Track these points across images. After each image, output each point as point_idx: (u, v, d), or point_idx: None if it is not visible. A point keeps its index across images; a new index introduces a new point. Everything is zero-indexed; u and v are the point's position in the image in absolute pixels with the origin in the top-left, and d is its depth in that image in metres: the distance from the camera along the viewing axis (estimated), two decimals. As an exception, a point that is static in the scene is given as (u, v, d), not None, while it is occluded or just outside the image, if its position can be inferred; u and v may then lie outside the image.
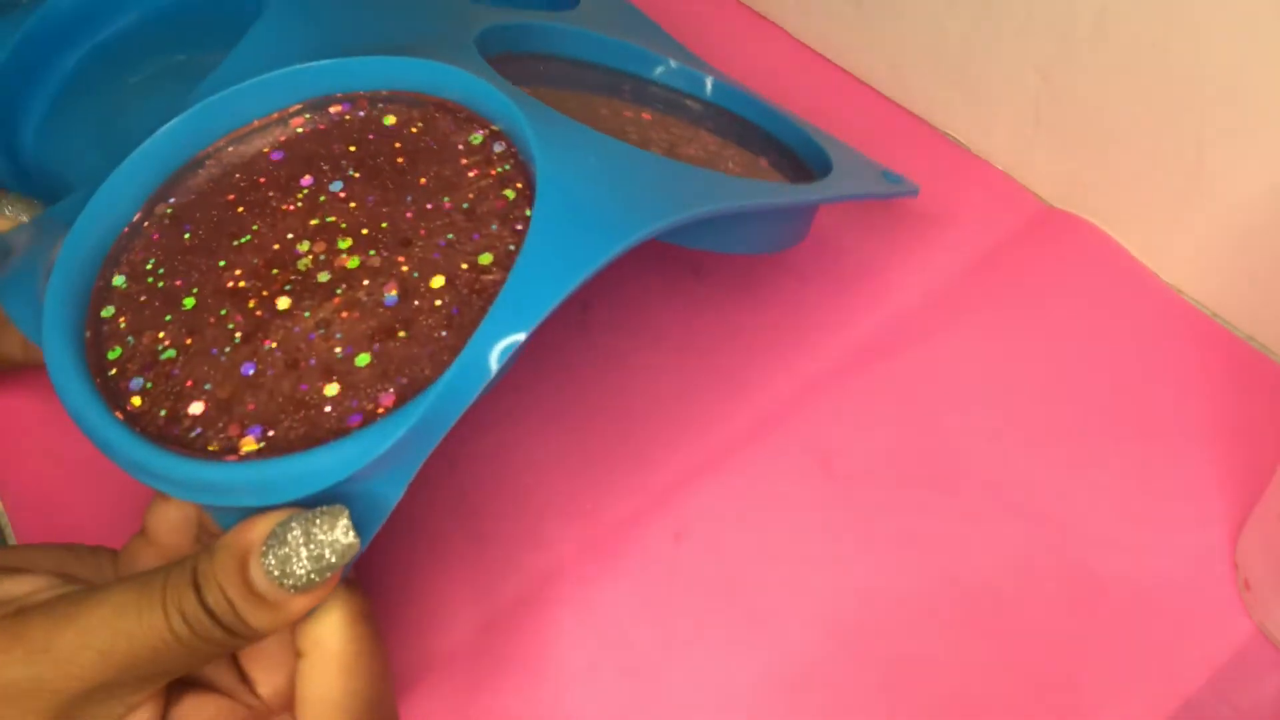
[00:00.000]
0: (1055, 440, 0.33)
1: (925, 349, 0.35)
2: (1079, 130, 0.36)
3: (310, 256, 0.26)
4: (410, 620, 0.30)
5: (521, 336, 0.23)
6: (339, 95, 0.29)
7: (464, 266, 0.25)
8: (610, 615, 0.30)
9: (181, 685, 0.23)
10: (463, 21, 0.33)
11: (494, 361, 0.23)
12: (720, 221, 0.30)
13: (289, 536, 0.21)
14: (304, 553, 0.21)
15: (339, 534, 0.21)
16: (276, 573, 0.21)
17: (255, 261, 0.26)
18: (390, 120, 0.29)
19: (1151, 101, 0.33)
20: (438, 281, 0.25)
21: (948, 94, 0.41)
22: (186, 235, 0.27)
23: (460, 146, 0.28)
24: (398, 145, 0.28)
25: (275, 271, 0.26)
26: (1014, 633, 0.29)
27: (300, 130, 0.29)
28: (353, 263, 0.26)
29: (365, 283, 0.25)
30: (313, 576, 0.21)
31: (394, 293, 0.25)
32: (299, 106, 0.29)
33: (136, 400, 0.24)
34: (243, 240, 0.27)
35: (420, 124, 0.29)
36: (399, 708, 0.28)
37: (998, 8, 0.36)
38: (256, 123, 0.29)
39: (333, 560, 0.21)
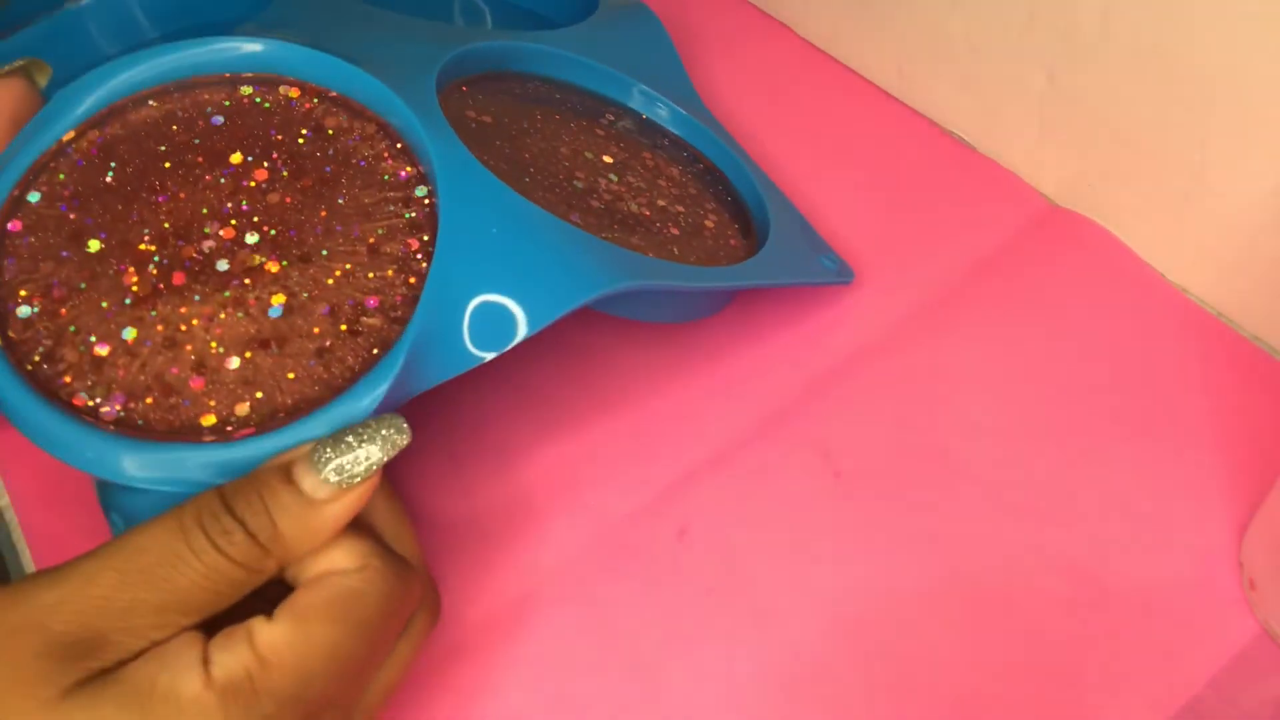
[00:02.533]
0: (1060, 439, 0.32)
1: (930, 347, 0.35)
2: (1084, 130, 0.36)
3: (216, 240, 0.26)
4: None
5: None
6: (293, 79, 0.29)
7: (349, 303, 0.26)
8: (614, 611, 0.30)
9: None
10: (439, 46, 0.34)
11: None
12: (645, 299, 0.32)
13: (345, 436, 0.23)
14: (356, 442, 0.22)
15: (393, 430, 0.23)
16: (331, 464, 0.22)
17: (166, 225, 0.26)
18: (332, 125, 0.29)
19: (1156, 101, 0.33)
20: (320, 307, 0.26)
21: (953, 93, 0.41)
22: (109, 175, 0.27)
23: (387, 177, 0.28)
24: (331, 153, 0.28)
25: (180, 243, 0.26)
26: (1017, 631, 0.29)
27: (245, 100, 0.29)
28: (253, 260, 0.26)
29: (258, 285, 0.26)
30: (368, 465, 0.22)
31: (279, 305, 0.25)
32: (250, 76, 0.29)
33: (17, 328, 0.24)
34: (159, 199, 0.27)
35: (358, 136, 0.29)
36: (404, 704, 0.28)
37: (1002, 8, 0.36)
38: (204, 77, 0.29)
39: (387, 450, 0.23)
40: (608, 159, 0.35)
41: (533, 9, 0.45)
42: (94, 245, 0.26)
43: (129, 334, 0.25)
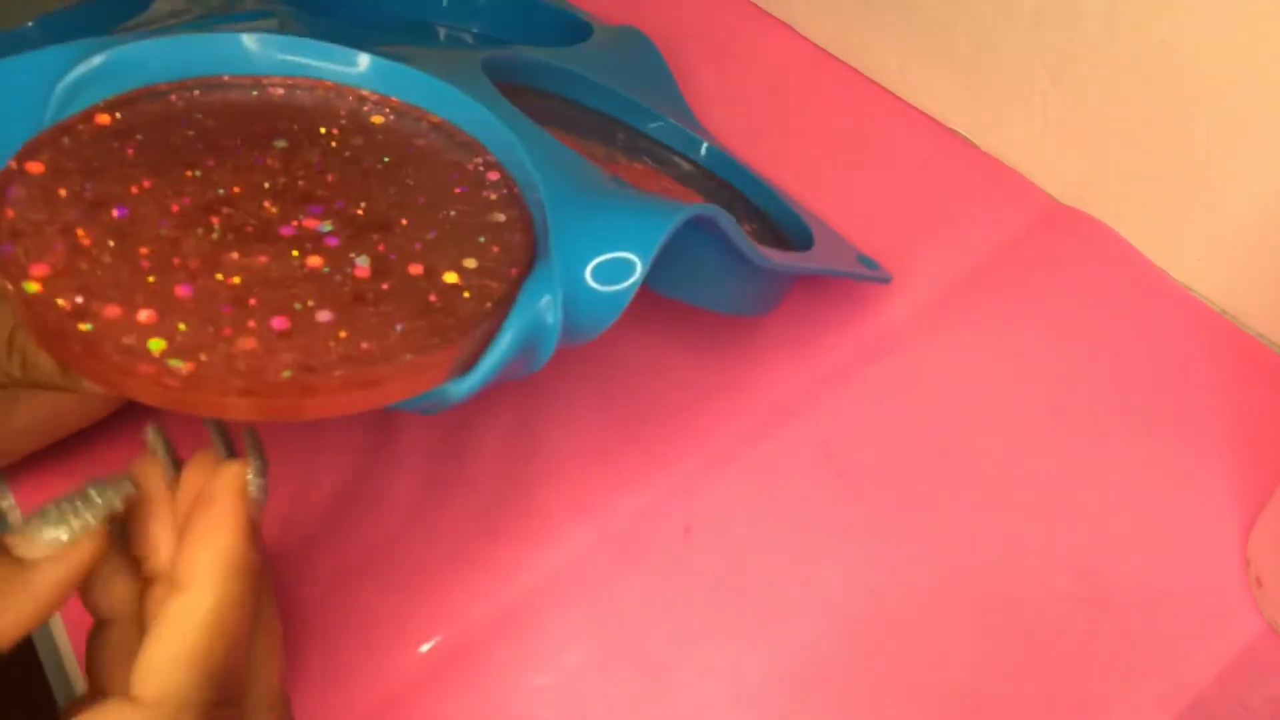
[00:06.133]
0: (1065, 437, 0.32)
1: (934, 346, 0.35)
2: (1088, 128, 0.36)
3: (274, 209, 0.24)
4: (422, 615, 0.30)
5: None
6: (327, 84, 0.28)
7: (445, 263, 0.24)
8: (620, 609, 0.30)
9: None
10: (472, 53, 0.33)
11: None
12: (707, 272, 0.30)
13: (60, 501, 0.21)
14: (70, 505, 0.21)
15: (114, 492, 0.21)
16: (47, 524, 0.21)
17: (209, 195, 0.24)
18: (378, 120, 0.27)
19: (1161, 99, 0.33)
20: (412, 268, 0.23)
21: (956, 91, 0.41)
22: (131, 151, 0.24)
23: (451, 163, 0.26)
24: (380, 139, 0.26)
25: (228, 211, 0.24)
26: (1023, 629, 0.29)
27: (278, 96, 0.27)
28: (323, 227, 0.24)
29: (333, 248, 0.23)
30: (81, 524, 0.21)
31: (365, 262, 0.23)
32: (280, 79, 0.27)
33: (32, 286, 0.21)
34: (196, 174, 0.24)
35: (410, 130, 0.27)
36: (411, 704, 0.28)
37: (1007, 6, 0.36)
38: (229, 78, 0.27)
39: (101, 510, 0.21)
40: (638, 166, 0.34)
41: (521, 42, 0.44)
42: (117, 211, 0.23)
43: (186, 292, 0.22)
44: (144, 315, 0.21)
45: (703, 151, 0.38)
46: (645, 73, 0.40)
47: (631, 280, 0.24)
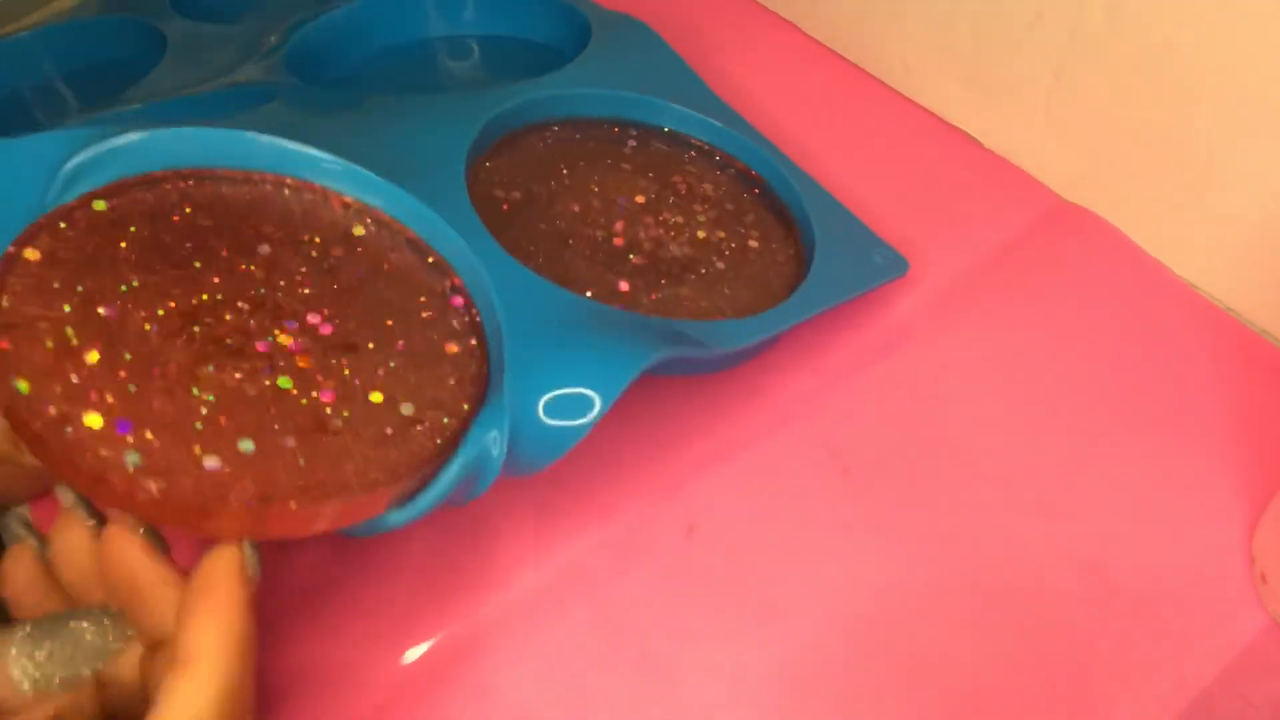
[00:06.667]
0: (1069, 435, 0.32)
1: (938, 344, 0.35)
2: (1091, 125, 0.36)
3: (251, 322, 0.25)
4: (425, 614, 0.30)
5: None
6: (316, 185, 0.29)
7: (403, 393, 0.25)
8: (623, 608, 0.30)
9: None
10: (463, 131, 0.34)
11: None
12: (683, 365, 0.32)
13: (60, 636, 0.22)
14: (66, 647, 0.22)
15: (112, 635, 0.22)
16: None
17: (193, 301, 0.25)
18: (359, 231, 0.28)
19: (1163, 97, 0.33)
20: (376, 397, 0.25)
21: (960, 89, 0.41)
22: (123, 243, 0.25)
23: (421, 284, 0.28)
24: (359, 251, 0.28)
25: (209, 320, 0.25)
26: (1026, 626, 0.29)
27: (266, 192, 0.28)
28: (298, 345, 0.25)
29: (303, 370, 0.24)
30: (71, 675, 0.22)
31: (331, 386, 0.24)
32: (271, 176, 0.29)
33: (24, 385, 0.21)
34: (183, 274, 0.25)
35: (388, 246, 0.28)
36: (414, 703, 0.28)
37: (1009, 5, 0.36)
38: (224, 171, 0.28)
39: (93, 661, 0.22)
40: (640, 199, 0.35)
41: (521, 36, 0.45)
42: (103, 310, 0.24)
43: (161, 405, 0.22)
44: (121, 428, 0.22)
45: (719, 136, 0.38)
46: (651, 65, 0.40)
47: (588, 418, 0.26)
